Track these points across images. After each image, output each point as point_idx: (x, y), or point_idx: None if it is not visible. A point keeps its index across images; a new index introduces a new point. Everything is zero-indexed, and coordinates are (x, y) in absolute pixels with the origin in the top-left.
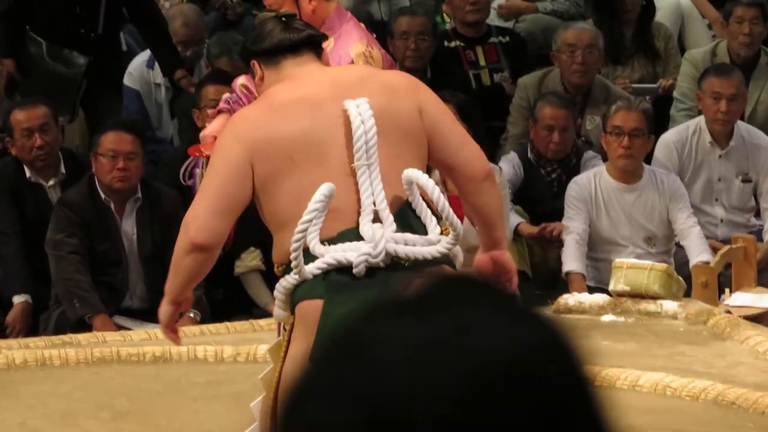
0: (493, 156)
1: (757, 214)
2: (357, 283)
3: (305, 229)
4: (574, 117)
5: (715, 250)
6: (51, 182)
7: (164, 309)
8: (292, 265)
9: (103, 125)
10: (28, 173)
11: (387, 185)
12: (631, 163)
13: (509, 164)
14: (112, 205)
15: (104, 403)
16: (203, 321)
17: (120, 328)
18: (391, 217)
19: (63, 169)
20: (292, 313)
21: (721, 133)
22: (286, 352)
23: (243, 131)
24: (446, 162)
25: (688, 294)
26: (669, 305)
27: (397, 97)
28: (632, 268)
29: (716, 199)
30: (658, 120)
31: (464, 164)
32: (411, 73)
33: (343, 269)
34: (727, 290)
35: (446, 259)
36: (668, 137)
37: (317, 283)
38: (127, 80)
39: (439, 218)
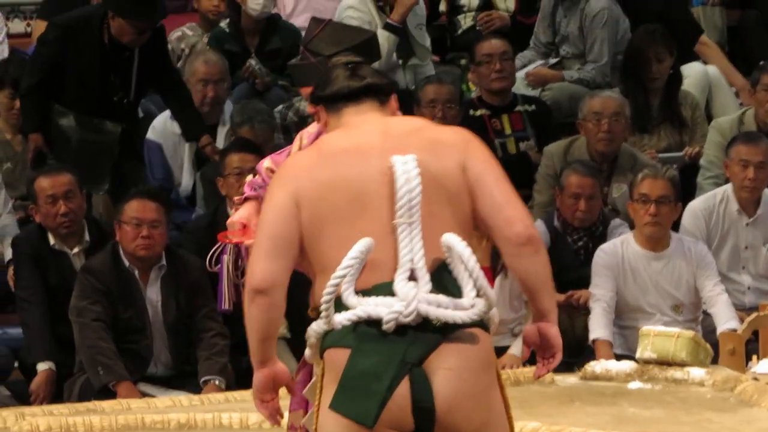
0: None
1: None
2: (385, 338)
3: (338, 283)
4: (601, 185)
5: (742, 318)
6: (75, 250)
7: (255, 378)
8: (322, 314)
9: (126, 193)
10: (51, 240)
11: (427, 245)
12: (658, 231)
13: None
14: (136, 273)
15: None
16: (228, 388)
17: (144, 395)
18: (428, 277)
19: (87, 237)
20: (321, 357)
21: (749, 201)
22: (320, 398)
23: (290, 177)
24: (487, 222)
25: (715, 361)
26: (696, 372)
27: (442, 155)
28: (659, 336)
29: (743, 267)
30: (685, 188)
31: (504, 226)
32: None
33: (373, 323)
34: (754, 357)
35: (479, 323)
36: (695, 205)
37: (346, 333)
38: (150, 134)
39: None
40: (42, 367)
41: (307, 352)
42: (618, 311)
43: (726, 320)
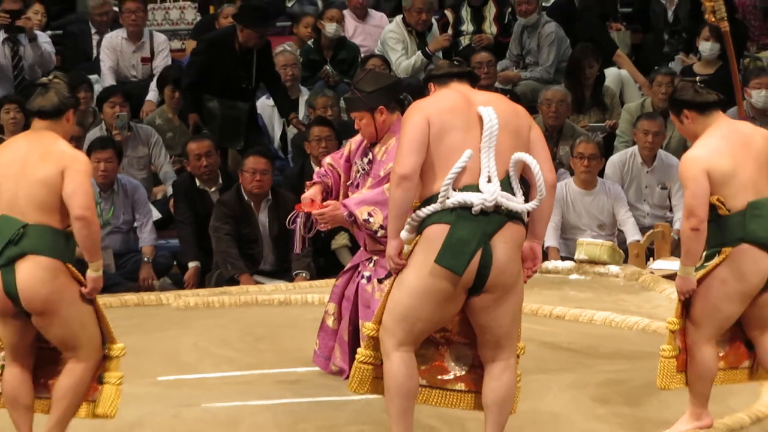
0: None
1: (671, 210)
2: (474, 218)
3: (454, 177)
4: (552, 147)
5: (643, 233)
6: (212, 189)
7: (390, 245)
8: (440, 197)
9: (246, 151)
10: (197, 183)
11: (498, 163)
12: (590, 177)
13: None
14: (252, 204)
15: (247, 331)
16: (311, 279)
17: (257, 282)
18: (498, 181)
19: (220, 180)
20: (419, 234)
21: (648, 156)
22: (408, 259)
23: (421, 107)
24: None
25: (625, 261)
26: (613, 269)
27: (518, 116)
28: (590, 245)
29: (644, 200)
30: (607, 149)
31: (546, 172)
32: None
33: (465, 207)
34: (651, 258)
35: (522, 217)
36: (613, 159)
37: (447, 214)
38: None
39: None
40: (191, 264)
41: (404, 233)
42: (563, 228)
43: (632, 235)
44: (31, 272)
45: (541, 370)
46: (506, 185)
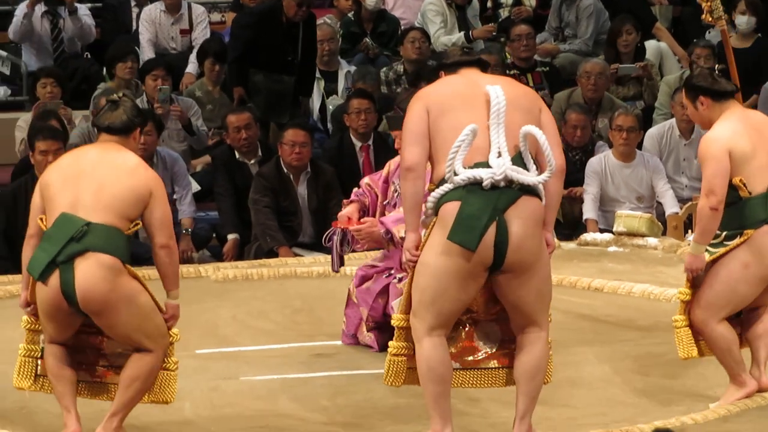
0: None
1: None
2: (484, 193)
3: (457, 150)
4: (591, 120)
5: (681, 206)
6: (252, 161)
7: (408, 238)
8: (446, 176)
9: (286, 124)
10: (237, 155)
11: (508, 138)
12: (628, 149)
13: None
14: (291, 176)
15: (286, 303)
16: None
17: (296, 255)
18: (509, 156)
19: (260, 153)
20: (436, 214)
21: (686, 129)
22: (426, 239)
23: (423, 96)
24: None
25: (664, 233)
26: (652, 241)
27: (529, 97)
28: (628, 217)
29: (683, 172)
30: (646, 121)
31: (557, 155)
32: None
33: (476, 183)
34: (689, 231)
35: (539, 189)
36: (652, 132)
37: (457, 191)
38: None
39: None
40: (231, 236)
41: (423, 219)
42: (601, 201)
43: (671, 207)
44: (92, 269)
45: (580, 342)
46: (518, 160)
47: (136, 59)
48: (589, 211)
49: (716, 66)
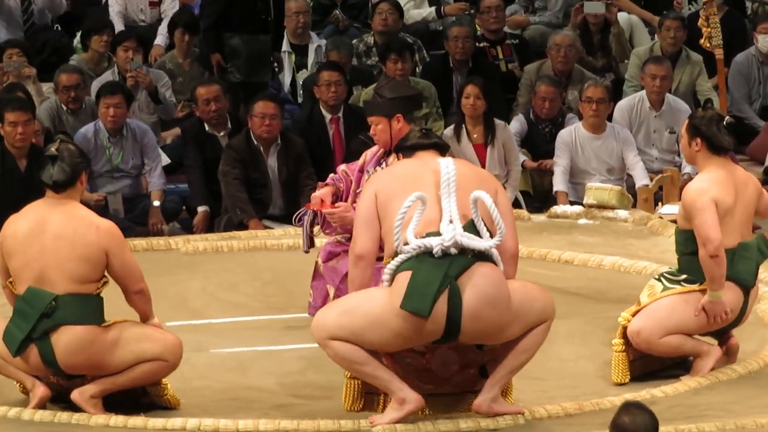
0: (507, 117)
1: (679, 155)
2: (434, 260)
3: (403, 217)
4: (560, 92)
5: (652, 178)
6: (221, 133)
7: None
8: (395, 242)
9: (255, 96)
10: (207, 127)
11: (460, 207)
12: (598, 121)
13: (518, 122)
14: (261, 148)
15: (256, 276)
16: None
17: (266, 227)
18: (461, 223)
19: (229, 125)
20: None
21: (656, 101)
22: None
23: (375, 179)
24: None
25: (634, 205)
26: (622, 213)
27: (482, 178)
28: (598, 189)
29: (653, 144)
30: (616, 93)
31: (506, 239)
32: (459, 64)
33: (427, 252)
34: (660, 203)
35: (492, 253)
36: (622, 104)
37: (409, 261)
38: None
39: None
40: (201, 209)
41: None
42: (571, 173)
43: (641, 179)
44: (70, 343)
45: None
46: (470, 227)
47: (112, 32)
48: (559, 183)
49: (726, 119)
